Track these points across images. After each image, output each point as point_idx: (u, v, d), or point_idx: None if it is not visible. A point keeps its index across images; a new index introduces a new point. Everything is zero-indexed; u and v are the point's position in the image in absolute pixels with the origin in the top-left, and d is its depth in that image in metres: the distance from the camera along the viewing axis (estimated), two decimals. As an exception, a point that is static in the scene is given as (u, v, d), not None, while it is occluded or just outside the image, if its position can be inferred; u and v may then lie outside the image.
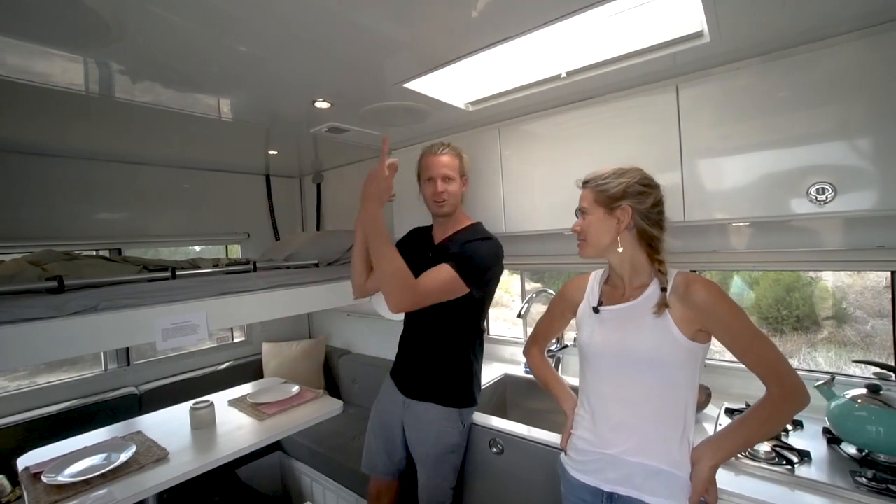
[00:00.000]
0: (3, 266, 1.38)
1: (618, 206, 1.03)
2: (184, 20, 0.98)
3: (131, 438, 1.66)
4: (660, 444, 0.97)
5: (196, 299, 1.41)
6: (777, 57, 1.21)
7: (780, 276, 1.96)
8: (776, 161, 1.22)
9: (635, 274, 1.06)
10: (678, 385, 0.97)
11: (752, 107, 1.24)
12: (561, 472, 1.15)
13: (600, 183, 1.06)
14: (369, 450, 1.64)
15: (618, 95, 1.50)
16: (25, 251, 1.79)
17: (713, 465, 0.95)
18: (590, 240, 1.08)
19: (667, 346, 0.96)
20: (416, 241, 1.65)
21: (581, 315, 1.16)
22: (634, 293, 1.05)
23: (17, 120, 1.63)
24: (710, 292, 0.95)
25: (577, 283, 1.22)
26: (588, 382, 1.10)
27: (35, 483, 1.39)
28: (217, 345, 2.89)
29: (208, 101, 1.53)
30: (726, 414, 1.43)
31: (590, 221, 1.07)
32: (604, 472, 1.02)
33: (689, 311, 0.96)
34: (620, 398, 1.02)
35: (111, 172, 2.31)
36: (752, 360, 0.93)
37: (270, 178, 3.03)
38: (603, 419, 1.04)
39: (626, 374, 1.01)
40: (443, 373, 1.49)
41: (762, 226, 1.50)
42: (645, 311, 1.00)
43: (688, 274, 1.01)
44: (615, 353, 1.03)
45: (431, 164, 1.47)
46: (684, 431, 0.97)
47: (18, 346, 1.04)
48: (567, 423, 1.17)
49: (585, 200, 1.09)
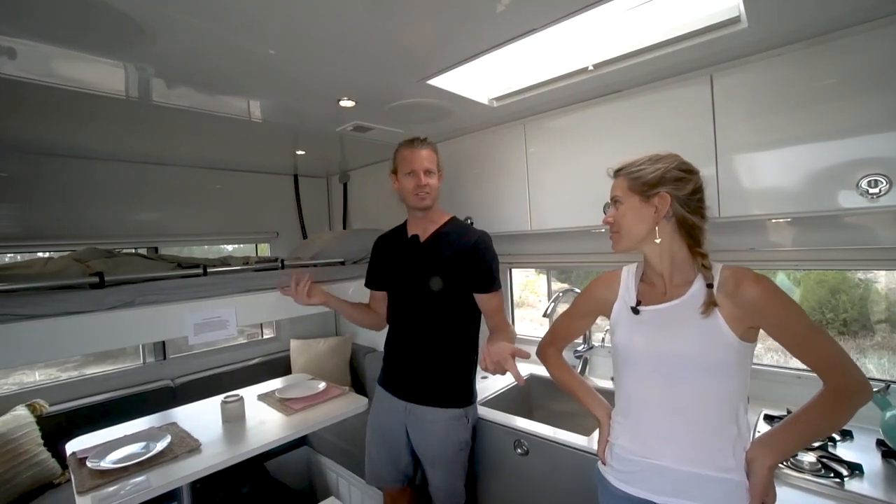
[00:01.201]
0: (52, 263, 1.47)
1: (655, 194, 0.95)
2: (213, 25, 1.01)
3: (167, 429, 1.72)
4: (713, 452, 0.90)
5: (226, 295, 1.45)
6: (824, 41, 1.13)
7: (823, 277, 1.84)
8: (822, 154, 1.14)
9: (676, 269, 0.98)
10: (730, 389, 0.91)
11: (795, 96, 1.17)
12: (599, 481, 1.08)
13: (634, 170, 0.99)
14: (372, 462, 1.60)
15: (647, 88, 1.44)
16: (71, 249, 1.89)
17: (770, 465, 0.87)
18: (624, 231, 1.00)
19: (717, 348, 0.89)
20: (392, 244, 1.59)
21: (617, 315, 1.07)
22: (677, 291, 0.97)
23: (66, 126, 1.73)
24: (763, 288, 0.88)
25: (608, 281, 1.13)
26: (628, 387, 1.03)
27: (81, 467, 1.46)
28: (247, 341, 2.99)
29: (239, 103, 1.58)
30: (765, 420, 1.36)
31: (623, 211, 1.00)
32: (652, 482, 0.95)
33: (739, 309, 0.89)
34: (667, 405, 0.94)
35: (149, 174, 2.42)
36: (810, 357, 0.87)
37: (298, 177, 3.09)
38: (647, 427, 0.97)
39: (672, 379, 0.94)
40: (449, 375, 1.47)
41: (806, 222, 1.41)
42: (691, 311, 0.93)
43: (736, 268, 0.94)
44: (660, 357, 0.95)
45: (413, 157, 1.44)
46: (738, 436, 0.90)
47: (61, 337, 1.10)
48: (602, 430, 1.09)
49: (618, 189, 1.02)
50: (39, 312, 1.14)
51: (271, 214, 2.98)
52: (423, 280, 1.44)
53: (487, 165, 1.94)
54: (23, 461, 1.81)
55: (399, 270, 1.51)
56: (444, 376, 1.47)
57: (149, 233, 2.45)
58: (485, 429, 1.61)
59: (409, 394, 1.49)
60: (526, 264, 2.30)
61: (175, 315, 1.30)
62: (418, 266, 1.46)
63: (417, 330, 1.49)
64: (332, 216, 3.30)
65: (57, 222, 2.16)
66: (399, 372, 1.53)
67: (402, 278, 1.50)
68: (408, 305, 1.51)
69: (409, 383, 1.50)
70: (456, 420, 1.45)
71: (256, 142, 2.19)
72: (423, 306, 1.47)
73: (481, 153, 1.97)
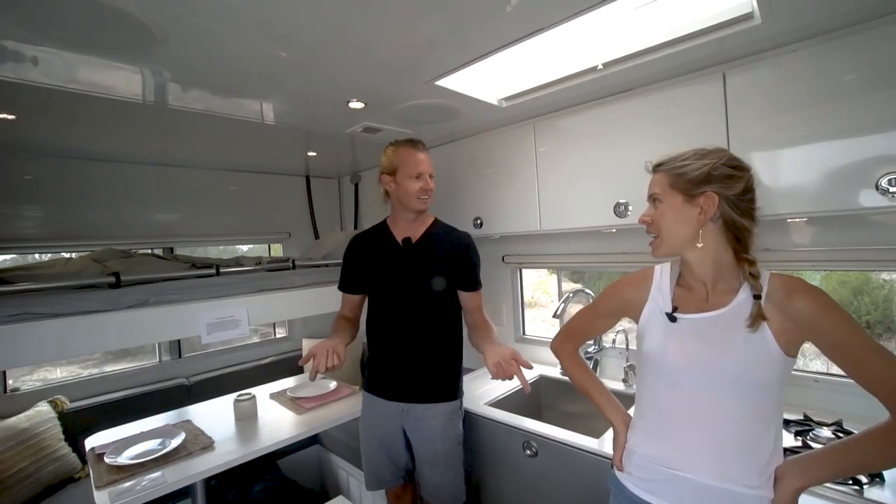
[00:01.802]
0: (71, 263, 1.51)
1: (701, 193, 0.85)
2: (225, 29, 1.03)
3: (181, 426, 1.76)
4: (743, 468, 0.84)
5: (238, 295, 1.48)
6: (842, 35, 1.10)
7: (846, 278, 1.79)
8: (840, 152, 1.11)
9: (720, 276, 0.90)
10: (768, 404, 0.84)
11: (811, 93, 1.14)
12: (614, 486, 1.03)
13: (678, 165, 0.89)
14: (372, 467, 1.58)
15: (658, 86, 1.42)
16: (91, 249, 1.94)
17: (798, 488, 0.81)
18: (665, 234, 0.91)
19: (762, 365, 0.82)
20: (375, 247, 1.55)
21: (648, 320, 0.99)
22: (721, 300, 0.89)
23: (87, 130, 1.78)
24: (816, 300, 0.80)
25: (638, 281, 1.04)
26: (655, 396, 0.96)
27: (99, 463, 1.50)
28: (261, 340, 3.03)
29: (252, 105, 1.60)
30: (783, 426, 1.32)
31: (663, 211, 0.90)
32: (676, 493, 0.90)
33: (788, 322, 0.81)
34: (699, 416, 0.88)
35: (166, 176, 2.48)
36: (870, 380, 0.78)
37: (310, 178, 3.13)
38: (676, 436, 0.91)
39: (708, 391, 0.86)
40: (442, 370, 1.50)
41: (823, 221, 1.38)
42: (736, 323, 0.85)
43: (787, 277, 0.85)
44: (698, 369, 0.87)
45: (419, 160, 1.44)
46: (772, 453, 0.85)
47: (79, 335, 1.13)
48: (619, 438, 1.04)
49: (658, 186, 0.92)
50: (59, 311, 1.18)
51: (284, 215, 3.02)
52: (418, 281, 1.45)
53: (497, 166, 1.94)
54: (45, 455, 1.86)
55: (391, 273, 1.48)
56: (439, 372, 1.49)
57: (165, 233, 2.50)
58: (493, 430, 1.61)
59: (406, 394, 1.48)
60: (536, 265, 2.29)
61: (188, 314, 1.33)
62: (413, 267, 1.46)
63: (411, 330, 1.48)
64: (343, 216, 3.33)
65: (78, 223, 2.22)
66: (392, 374, 1.51)
67: (394, 281, 1.48)
68: (400, 307, 1.49)
69: (404, 384, 1.49)
70: (453, 413, 1.49)
71: (269, 143, 2.22)
72: (418, 306, 1.47)
73: (491, 154, 1.96)
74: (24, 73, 1.19)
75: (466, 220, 2.04)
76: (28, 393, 2.12)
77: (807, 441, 1.23)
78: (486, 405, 1.70)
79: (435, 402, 1.47)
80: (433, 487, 1.49)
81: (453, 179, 2.08)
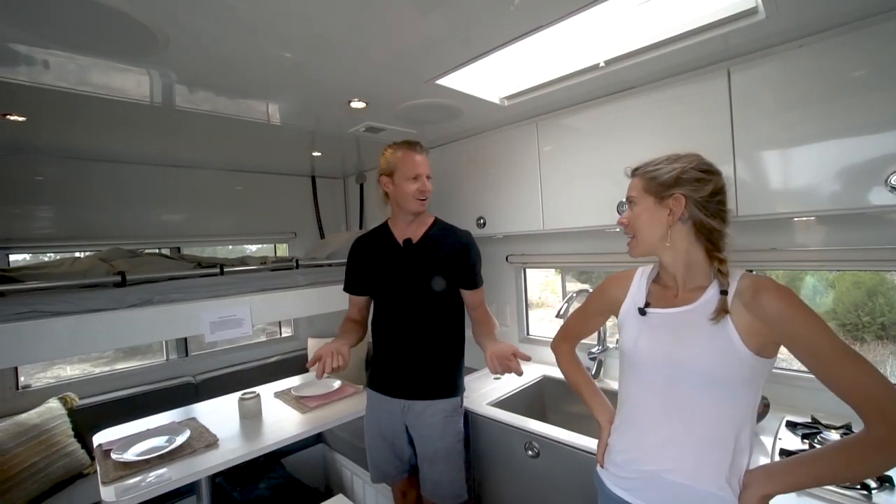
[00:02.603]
0: (79, 262, 1.54)
1: (670, 195, 0.90)
2: (228, 30, 1.04)
3: (186, 424, 1.78)
4: (712, 468, 0.85)
5: (241, 294, 1.49)
6: (849, 30, 1.07)
7: (860, 278, 1.75)
8: (848, 149, 1.09)
9: (690, 274, 0.93)
10: (737, 403, 0.85)
11: (819, 90, 1.12)
12: (598, 484, 1.07)
13: (651, 169, 0.94)
14: (376, 462, 1.61)
15: (662, 84, 1.41)
16: (96, 249, 1.98)
17: (763, 494, 0.82)
18: (639, 234, 0.96)
19: (728, 361, 0.84)
20: (377, 248, 1.57)
21: (624, 315, 1.04)
22: (690, 296, 0.92)
23: (96, 132, 1.81)
24: (783, 300, 0.81)
25: (620, 279, 1.10)
26: (631, 392, 1.00)
27: (106, 459, 1.53)
28: (266, 339, 3.06)
29: (257, 106, 1.62)
30: (787, 427, 1.30)
31: (637, 213, 0.96)
32: (645, 492, 0.93)
33: (757, 322, 0.82)
34: (669, 414, 0.91)
35: (172, 176, 2.51)
36: (840, 386, 0.77)
37: (316, 179, 3.15)
38: (648, 433, 0.94)
39: (677, 388, 0.89)
40: (443, 368, 1.52)
41: (832, 220, 1.35)
42: (702, 318, 0.88)
43: (757, 276, 0.88)
44: (665, 364, 0.91)
45: (415, 162, 1.46)
46: (741, 455, 0.86)
47: (86, 333, 1.15)
48: (602, 435, 1.08)
49: (634, 189, 0.97)
50: (67, 310, 1.20)
51: (289, 215, 3.04)
52: (420, 281, 1.47)
53: (499, 165, 1.93)
54: (55, 451, 1.90)
55: (392, 274, 1.51)
56: (440, 370, 1.51)
57: (172, 233, 2.54)
58: (495, 430, 1.60)
59: (407, 391, 1.51)
60: (540, 265, 2.28)
61: (192, 313, 1.35)
62: (414, 268, 1.48)
63: (413, 329, 1.50)
64: (348, 216, 3.34)
65: (88, 223, 2.26)
66: (394, 372, 1.54)
67: (396, 281, 1.51)
68: (402, 307, 1.51)
69: (406, 381, 1.52)
70: (452, 411, 1.50)
71: (275, 144, 2.24)
72: (419, 306, 1.49)
73: (493, 153, 1.96)
74: (35, 77, 1.21)
75: (469, 220, 2.04)
76: (39, 390, 2.16)
77: (814, 444, 1.20)
78: (489, 405, 1.70)
79: (434, 399, 1.49)
80: (432, 485, 1.50)
81: (456, 179, 2.08)
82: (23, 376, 2.18)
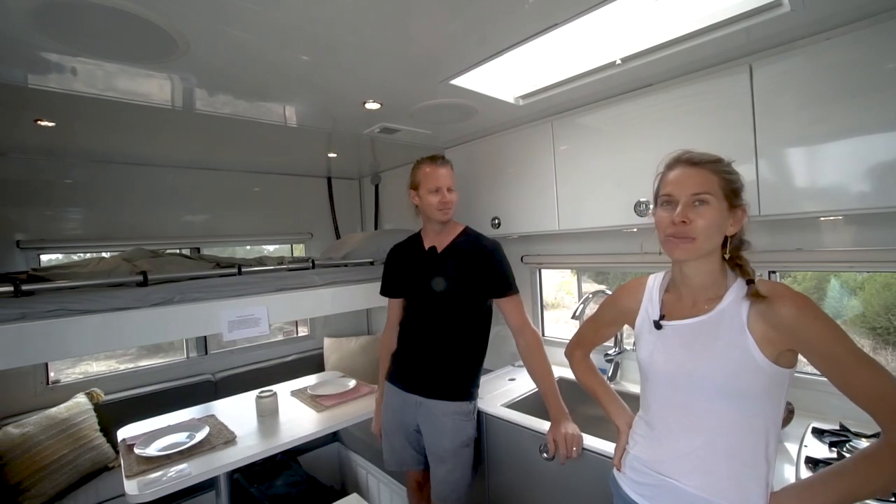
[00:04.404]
0: (104, 262, 1.59)
1: (739, 206, 0.85)
2: (247, 35, 1.06)
3: (206, 421, 1.82)
4: (732, 482, 0.83)
5: (259, 294, 1.52)
6: (882, 20, 1.02)
7: (890, 280, 1.69)
8: (879, 145, 1.04)
9: (711, 284, 0.90)
10: (758, 416, 0.82)
11: (848, 84, 1.07)
12: (614, 488, 1.06)
13: (727, 169, 0.85)
14: (393, 448, 1.66)
15: (680, 81, 1.37)
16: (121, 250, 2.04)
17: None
18: (704, 236, 0.83)
19: (745, 372, 0.81)
20: (408, 254, 1.68)
21: (640, 329, 1.01)
22: (705, 305, 0.89)
23: (123, 135, 1.87)
24: (799, 307, 0.78)
25: (632, 289, 1.07)
26: (651, 403, 0.98)
27: (129, 454, 1.58)
28: (284, 338, 3.10)
29: (275, 108, 1.64)
30: (813, 434, 1.25)
31: (710, 213, 0.83)
32: (662, 499, 0.91)
33: (773, 331, 0.80)
34: (688, 426, 0.88)
35: (193, 178, 2.58)
36: (858, 393, 0.75)
37: (332, 180, 3.18)
38: (668, 445, 0.92)
39: (695, 401, 0.87)
40: (459, 371, 1.55)
41: (862, 219, 1.30)
42: (719, 328, 0.85)
43: (772, 283, 0.85)
44: (682, 376, 0.88)
45: (437, 175, 1.54)
46: (764, 470, 0.83)
47: (110, 331, 1.19)
48: (621, 439, 1.06)
49: (709, 185, 0.84)
50: (92, 308, 1.24)
51: (306, 216, 3.08)
52: (441, 287, 1.53)
53: (515, 165, 1.92)
54: (83, 444, 1.97)
55: (417, 279, 1.59)
56: (455, 372, 1.54)
57: (192, 234, 2.60)
58: (509, 431, 1.59)
59: (421, 388, 1.56)
60: (555, 265, 2.25)
61: (211, 312, 1.38)
62: (437, 275, 1.55)
63: (433, 332, 1.57)
64: (364, 217, 3.37)
65: (114, 225, 2.34)
66: (412, 368, 1.60)
67: (421, 286, 1.58)
68: (425, 310, 1.59)
69: (421, 378, 1.56)
70: (464, 415, 1.52)
71: (292, 145, 2.27)
72: (440, 311, 1.55)
73: (508, 153, 1.95)
74: (64, 84, 1.26)
75: (484, 220, 2.03)
76: (67, 385, 2.24)
77: (842, 452, 1.15)
78: (503, 406, 1.69)
79: (446, 400, 1.52)
80: (438, 484, 1.54)
81: (470, 179, 2.07)
82: (52, 372, 2.26)
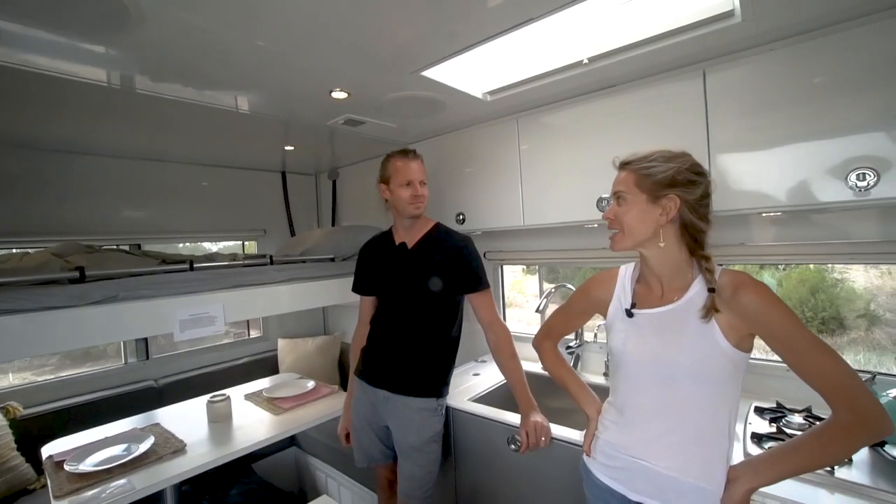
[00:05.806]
0: (29, 258, 1.41)
1: (664, 195, 0.90)
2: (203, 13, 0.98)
3: (150, 430, 1.67)
4: (700, 462, 0.89)
5: (213, 291, 1.42)
6: (813, 37, 1.13)
7: (805, 277, 1.88)
8: (810, 152, 1.15)
9: (675, 274, 0.95)
10: (723, 398, 0.89)
11: (785, 94, 1.18)
12: (584, 473, 1.09)
13: (646, 165, 0.92)
14: (362, 445, 1.64)
15: (642, 83, 1.45)
16: (43, 246, 1.82)
17: (749, 488, 0.86)
18: (627, 230, 0.95)
19: (712, 358, 0.87)
20: (379, 251, 1.65)
21: (612, 318, 1.06)
22: (674, 295, 0.94)
23: (41, 116, 1.65)
24: (761, 295, 0.84)
25: (604, 280, 1.11)
26: (622, 390, 1.02)
27: (58, 471, 1.41)
28: (234, 340, 2.92)
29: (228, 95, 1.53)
30: (755, 413, 1.37)
31: (627, 209, 0.94)
32: (633, 482, 0.96)
33: (736, 318, 0.85)
34: (659, 411, 0.93)
35: (132, 169, 2.35)
36: (812, 376, 0.81)
37: (286, 175, 3.04)
38: (638, 429, 0.97)
39: (665, 386, 0.92)
40: (427, 367, 1.53)
41: (793, 217, 1.44)
42: (687, 316, 0.90)
43: (734, 273, 0.90)
44: (653, 363, 0.93)
45: (409, 169, 1.52)
46: (726, 447, 0.90)
47: (42, 333, 1.05)
48: (590, 426, 1.10)
49: (624, 184, 0.95)
50: (19, 307, 1.09)
51: (259, 212, 2.92)
52: (412, 283, 1.52)
53: (480, 161, 1.94)
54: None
55: (388, 275, 1.57)
56: (423, 368, 1.53)
57: (132, 230, 2.37)
58: (478, 425, 1.60)
59: (387, 383, 1.54)
60: (518, 261, 2.30)
61: (161, 311, 1.27)
62: (408, 270, 1.53)
63: (402, 327, 1.55)
64: (320, 214, 3.25)
65: (36, 218, 2.08)
66: (380, 364, 1.58)
67: (391, 282, 1.57)
68: (396, 306, 1.57)
69: (388, 373, 1.55)
70: (431, 410, 1.51)
71: (244, 136, 2.14)
72: (411, 306, 1.53)
73: (474, 149, 1.96)
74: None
75: (449, 216, 2.03)
76: (-24, 400, 1.96)
77: (781, 427, 1.27)
78: (470, 401, 1.69)
79: (413, 396, 1.50)
80: (405, 480, 1.53)
81: (437, 174, 2.06)
82: (-44, 386, 1.98)
